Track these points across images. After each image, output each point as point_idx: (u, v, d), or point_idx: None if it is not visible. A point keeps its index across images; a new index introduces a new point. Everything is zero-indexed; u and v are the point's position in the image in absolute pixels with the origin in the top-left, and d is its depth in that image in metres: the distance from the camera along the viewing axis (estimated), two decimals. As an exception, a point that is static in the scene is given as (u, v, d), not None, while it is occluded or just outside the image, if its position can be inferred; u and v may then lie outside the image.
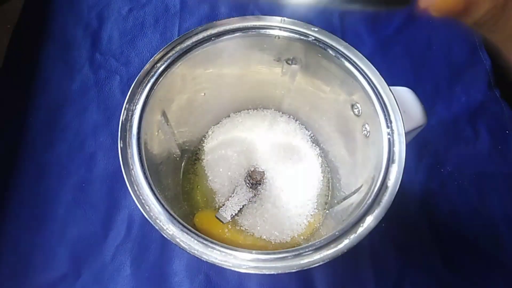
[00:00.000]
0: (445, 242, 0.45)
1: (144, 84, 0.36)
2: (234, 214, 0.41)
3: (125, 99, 0.36)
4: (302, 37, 0.35)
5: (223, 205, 0.42)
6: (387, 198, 0.30)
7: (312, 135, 0.47)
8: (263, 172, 0.43)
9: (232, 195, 0.42)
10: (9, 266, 0.43)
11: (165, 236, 0.32)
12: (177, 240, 0.32)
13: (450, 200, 0.47)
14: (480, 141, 0.50)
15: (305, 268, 0.32)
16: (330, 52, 0.35)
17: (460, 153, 0.49)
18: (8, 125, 0.49)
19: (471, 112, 0.52)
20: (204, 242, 0.32)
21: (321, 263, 0.32)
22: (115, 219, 0.45)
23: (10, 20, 0.55)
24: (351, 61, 0.34)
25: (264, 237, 0.41)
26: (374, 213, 0.30)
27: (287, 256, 0.32)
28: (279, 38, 0.36)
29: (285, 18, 0.36)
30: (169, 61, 0.36)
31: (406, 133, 0.33)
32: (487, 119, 0.51)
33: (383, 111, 0.35)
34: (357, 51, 0.34)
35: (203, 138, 0.46)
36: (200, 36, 0.36)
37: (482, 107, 0.52)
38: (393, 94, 0.35)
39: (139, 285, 0.42)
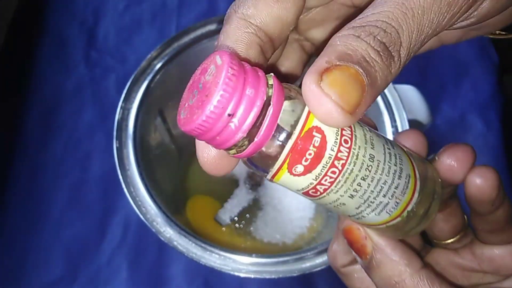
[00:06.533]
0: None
1: (141, 82, 0.35)
2: (233, 217, 0.40)
3: (121, 97, 0.36)
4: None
5: (222, 207, 0.41)
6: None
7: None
8: (264, 173, 0.43)
9: (232, 197, 0.41)
10: (4, 269, 0.42)
11: (162, 239, 0.32)
12: (175, 243, 0.31)
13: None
14: (492, 132, 0.49)
15: (307, 272, 0.31)
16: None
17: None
18: (1, 125, 0.48)
19: (482, 105, 0.51)
20: (203, 245, 0.31)
21: (323, 267, 0.31)
22: (111, 221, 0.44)
23: (5, 18, 0.55)
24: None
25: (265, 240, 0.40)
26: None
27: (288, 260, 0.31)
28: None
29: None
30: (166, 58, 0.35)
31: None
32: (499, 110, 0.50)
33: (387, 110, 0.34)
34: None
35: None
36: (199, 32, 0.36)
37: (493, 99, 0.51)
38: (397, 92, 0.35)
39: (136, 288, 0.42)
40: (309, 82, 0.14)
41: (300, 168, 0.15)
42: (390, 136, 0.34)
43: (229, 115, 0.14)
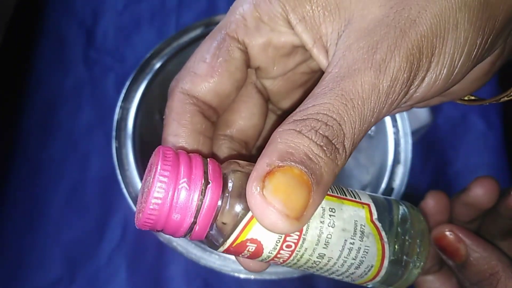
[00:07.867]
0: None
1: (140, 82, 0.35)
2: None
3: (120, 97, 0.35)
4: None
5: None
6: (393, 201, 0.29)
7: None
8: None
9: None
10: (2, 270, 0.42)
11: (162, 239, 0.31)
12: (174, 244, 0.31)
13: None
14: (493, 132, 0.49)
15: (308, 273, 0.31)
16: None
17: (469, 150, 0.48)
18: (0, 125, 0.48)
19: (483, 105, 0.50)
20: (202, 245, 0.31)
21: (324, 268, 0.31)
22: (110, 221, 0.44)
23: (3, 17, 0.54)
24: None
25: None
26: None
27: (289, 261, 0.31)
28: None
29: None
30: (165, 57, 0.35)
31: (412, 133, 0.33)
32: (500, 110, 0.50)
33: (388, 110, 0.34)
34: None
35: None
36: (198, 31, 0.35)
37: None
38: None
39: (135, 290, 0.41)
40: (251, 191, 0.13)
41: (243, 256, 0.16)
42: (390, 136, 0.34)
43: (157, 230, 0.15)
